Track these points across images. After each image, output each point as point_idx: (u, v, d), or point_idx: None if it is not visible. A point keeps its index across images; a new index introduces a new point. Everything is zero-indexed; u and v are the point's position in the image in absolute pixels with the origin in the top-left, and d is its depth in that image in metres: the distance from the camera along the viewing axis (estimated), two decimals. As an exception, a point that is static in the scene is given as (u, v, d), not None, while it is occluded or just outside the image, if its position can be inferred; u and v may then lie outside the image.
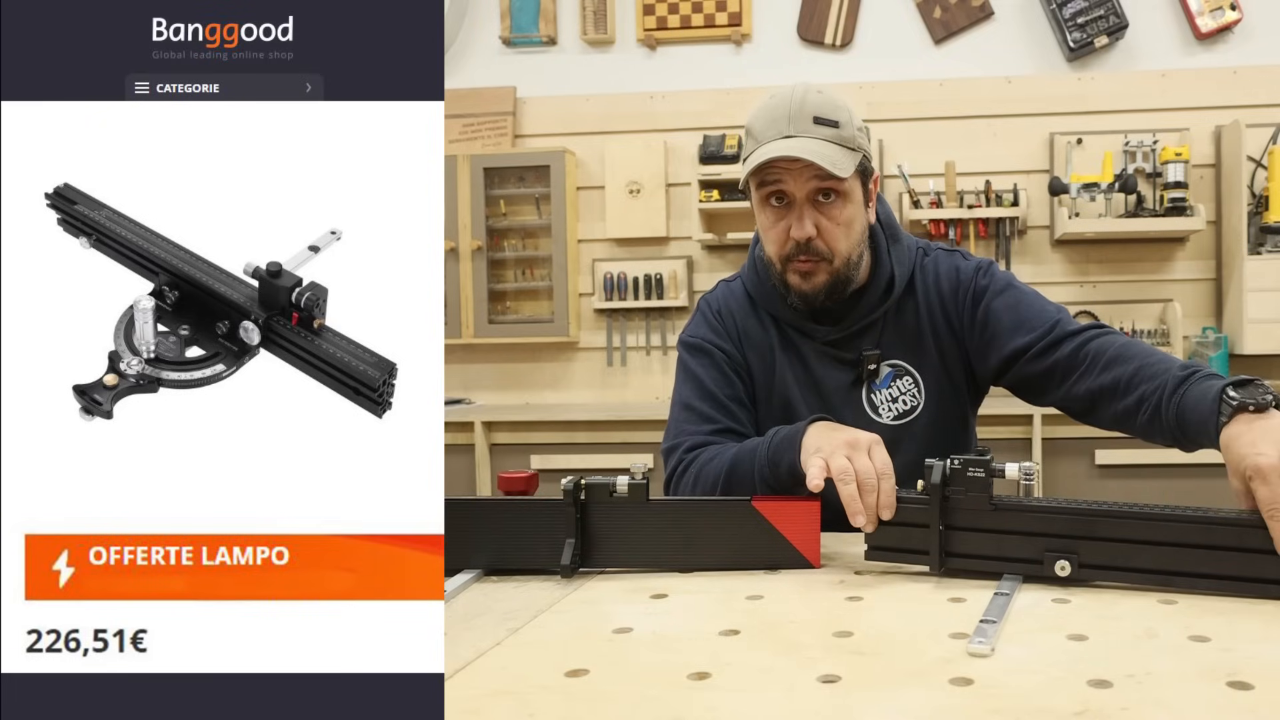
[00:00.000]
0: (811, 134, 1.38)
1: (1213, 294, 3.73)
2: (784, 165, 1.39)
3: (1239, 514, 1.02)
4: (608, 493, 1.19)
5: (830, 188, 1.40)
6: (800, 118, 1.38)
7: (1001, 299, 1.48)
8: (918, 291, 1.52)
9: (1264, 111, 3.60)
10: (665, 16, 3.98)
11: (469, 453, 3.49)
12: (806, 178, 1.39)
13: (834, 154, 1.37)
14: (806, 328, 1.52)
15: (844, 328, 1.50)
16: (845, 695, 0.78)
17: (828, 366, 1.51)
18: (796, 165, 1.38)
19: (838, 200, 1.41)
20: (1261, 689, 0.76)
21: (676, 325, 3.96)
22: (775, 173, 1.40)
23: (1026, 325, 1.44)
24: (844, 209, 1.42)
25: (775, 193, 1.42)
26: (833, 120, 1.39)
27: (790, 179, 1.40)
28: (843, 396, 1.50)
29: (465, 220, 3.90)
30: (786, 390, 1.52)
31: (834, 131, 1.38)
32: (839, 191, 1.41)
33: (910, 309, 1.52)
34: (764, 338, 1.55)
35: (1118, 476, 3.22)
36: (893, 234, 1.54)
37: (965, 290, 1.50)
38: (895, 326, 1.51)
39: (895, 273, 1.51)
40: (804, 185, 1.40)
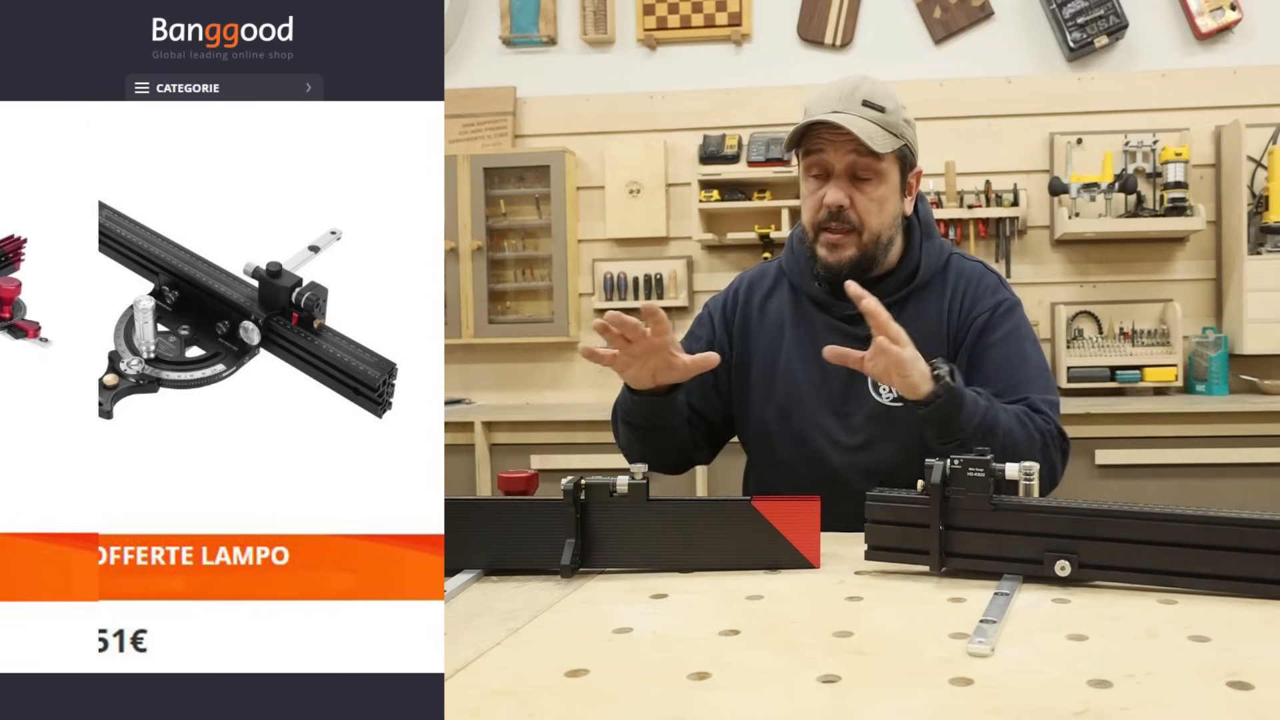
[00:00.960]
0: (857, 113, 1.48)
1: (1213, 294, 3.73)
2: (826, 136, 1.50)
3: (1239, 514, 1.02)
4: (608, 493, 1.19)
5: (867, 165, 1.50)
6: (851, 99, 1.49)
7: (999, 350, 1.55)
8: (945, 287, 1.60)
9: (1264, 111, 3.60)
10: (665, 16, 3.98)
11: (469, 453, 3.49)
12: (845, 151, 1.49)
13: (873, 131, 1.48)
14: (826, 302, 1.60)
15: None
16: (845, 695, 0.78)
17: (838, 342, 1.54)
18: (837, 138, 1.49)
19: (873, 179, 1.51)
20: (1261, 689, 0.76)
21: (677, 325, 3.93)
22: (818, 143, 1.51)
23: (995, 381, 1.52)
24: (878, 188, 1.52)
25: (816, 163, 1.52)
26: (880, 106, 1.50)
27: (830, 150, 1.50)
28: (848, 371, 1.54)
29: (465, 220, 3.90)
30: (791, 363, 1.61)
31: (879, 115, 1.49)
32: (876, 172, 1.51)
33: (933, 303, 1.59)
34: (778, 315, 1.65)
35: (1118, 476, 3.22)
36: (928, 232, 1.63)
37: (981, 311, 1.57)
38: (914, 315, 1.57)
39: (922, 265, 1.59)
40: (842, 158, 1.50)
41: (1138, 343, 3.64)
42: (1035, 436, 1.46)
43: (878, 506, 1.15)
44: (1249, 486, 3.16)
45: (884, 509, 1.15)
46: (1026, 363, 1.55)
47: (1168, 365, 3.54)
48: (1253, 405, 3.23)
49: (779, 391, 1.61)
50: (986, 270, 1.65)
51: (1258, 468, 3.17)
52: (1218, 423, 3.22)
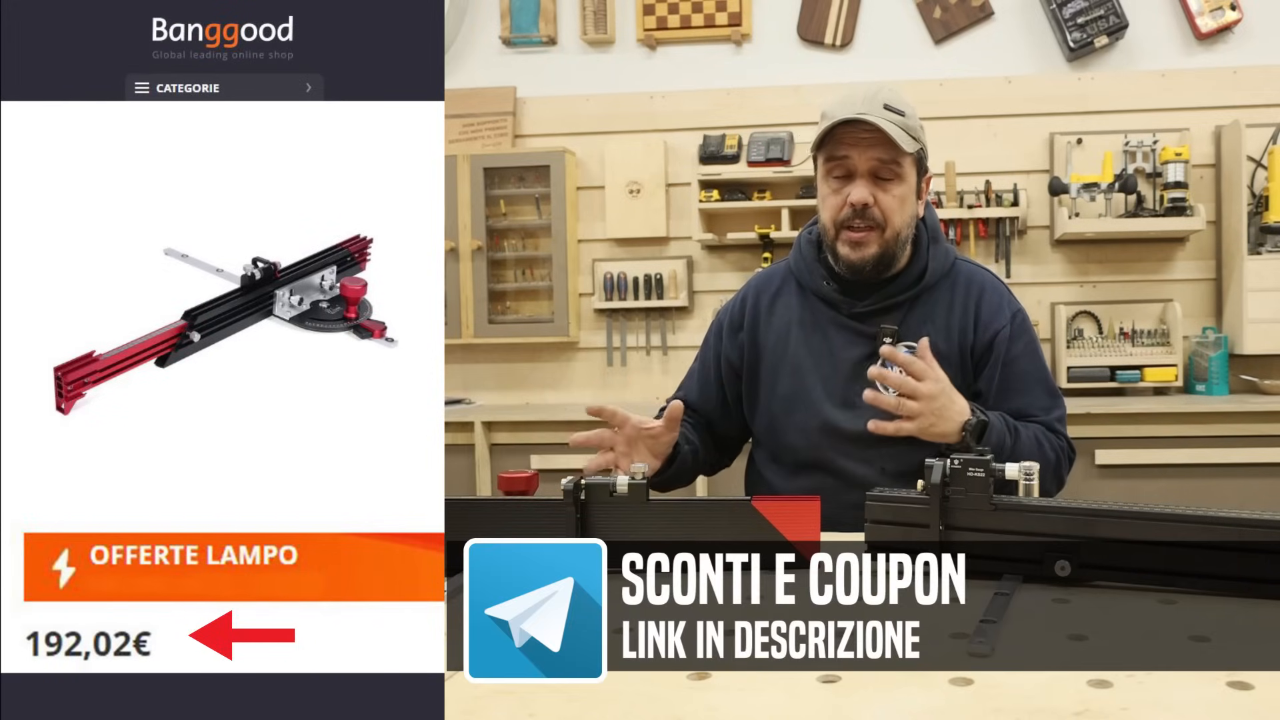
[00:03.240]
0: (880, 115, 1.53)
1: (1213, 294, 3.73)
2: (850, 141, 1.54)
3: (1239, 514, 1.02)
4: (608, 493, 1.19)
5: (890, 166, 1.55)
6: (873, 102, 1.54)
7: (1022, 363, 1.62)
8: (955, 290, 1.64)
9: (1264, 111, 3.60)
10: (665, 16, 3.98)
11: (469, 453, 3.49)
12: (870, 153, 1.54)
13: (899, 133, 1.53)
14: (835, 299, 1.64)
15: (872, 303, 1.62)
16: (845, 695, 0.78)
17: (846, 338, 1.63)
18: (863, 140, 1.53)
19: (895, 180, 1.56)
20: (1261, 689, 0.76)
21: (676, 325, 3.96)
22: (842, 148, 1.55)
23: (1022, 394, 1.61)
24: (899, 186, 1.57)
25: (840, 164, 1.56)
26: (900, 110, 1.55)
27: (855, 153, 1.55)
28: (854, 367, 1.60)
29: (465, 220, 3.90)
30: (799, 359, 1.65)
31: (900, 119, 1.54)
32: (897, 171, 1.55)
33: (942, 303, 1.63)
34: (786, 315, 1.69)
35: (1118, 476, 3.22)
36: (935, 236, 1.67)
37: (1004, 323, 1.62)
38: (921, 313, 1.62)
39: (930, 266, 1.64)
40: (867, 159, 1.54)
41: (1138, 343, 3.64)
42: (1050, 456, 1.55)
43: (878, 506, 1.15)
44: (1249, 486, 3.16)
45: (884, 509, 1.15)
46: (1045, 374, 1.65)
47: (1168, 365, 3.54)
48: (1253, 405, 3.23)
49: (786, 384, 1.65)
50: (993, 277, 1.70)
51: (1258, 468, 3.17)
52: (1218, 423, 3.22)
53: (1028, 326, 1.66)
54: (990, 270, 1.73)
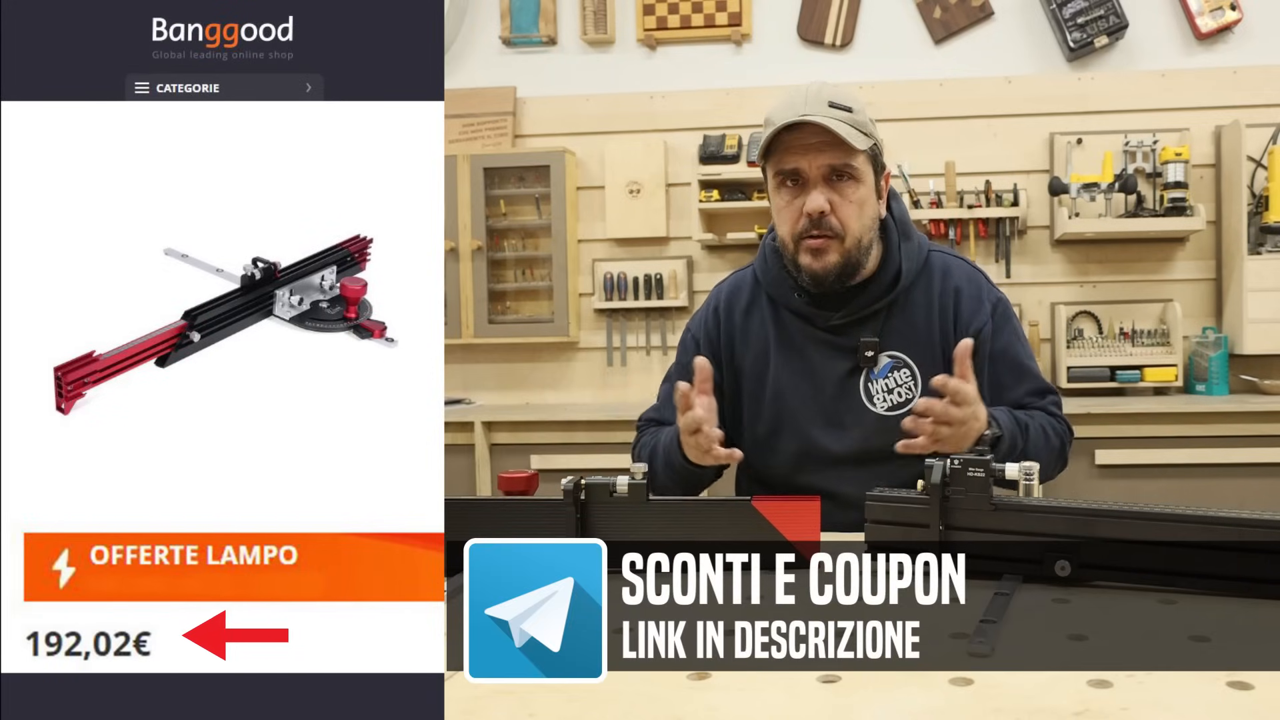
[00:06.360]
0: (826, 114, 1.43)
1: (1213, 294, 3.73)
2: (798, 148, 1.44)
3: (1239, 514, 1.02)
4: (608, 493, 1.19)
5: (843, 167, 1.45)
6: (816, 101, 1.45)
7: (1009, 352, 1.58)
8: (932, 287, 1.56)
9: (1264, 111, 3.60)
10: (665, 16, 3.98)
11: (469, 453, 3.49)
12: (820, 160, 1.45)
13: (848, 130, 1.43)
14: (809, 313, 1.56)
15: (846, 315, 1.54)
16: (845, 695, 0.78)
17: (825, 354, 1.55)
18: (810, 145, 1.44)
19: (850, 181, 1.47)
20: (1261, 689, 0.76)
21: (676, 325, 3.96)
22: (790, 156, 1.45)
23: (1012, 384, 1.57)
24: (856, 189, 1.47)
25: (790, 173, 1.47)
26: (846, 106, 1.45)
27: (804, 159, 1.45)
28: (838, 384, 1.54)
29: (465, 220, 3.90)
30: (780, 381, 1.57)
31: (848, 115, 1.45)
32: (851, 173, 1.46)
33: (920, 304, 1.56)
34: (761, 332, 1.59)
35: (1118, 476, 3.22)
36: (905, 231, 1.58)
37: (985, 319, 1.56)
38: (899, 319, 1.55)
39: (904, 267, 1.55)
40: (817, 163, 1.45)
41: (1138, 343, 3.64)
42: (1055, 443, 1.52)
43: (878, 506, 1.15)
44: (1249, 486, 3.16)
45: (884, 509, 1.15)
46: (1030, 359, 1.60)
47: (1168, 365, 3.54)
48: (1253, 405, 3.23)
49: (769, 412, 1.59)
50: (969, 266, 1.63)
51: (1258, 468, 3.17)
52: (1218, 423, 3.22)
53: (1009, 314, 1.60)
54: (964, 258, 1.66)
